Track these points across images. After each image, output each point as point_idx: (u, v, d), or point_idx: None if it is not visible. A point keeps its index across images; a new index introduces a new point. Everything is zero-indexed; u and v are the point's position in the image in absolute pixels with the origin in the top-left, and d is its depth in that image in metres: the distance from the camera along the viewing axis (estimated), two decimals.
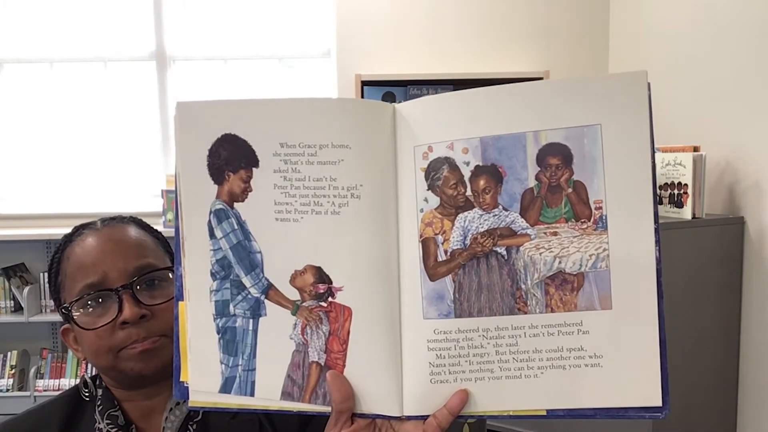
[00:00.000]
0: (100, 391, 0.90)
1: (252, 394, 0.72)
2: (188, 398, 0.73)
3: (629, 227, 0.64)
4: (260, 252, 0.71)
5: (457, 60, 3.68)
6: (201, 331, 0.72)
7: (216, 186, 0.71)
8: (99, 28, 3.66)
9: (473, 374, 0.68)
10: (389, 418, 0.70)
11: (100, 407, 0.88)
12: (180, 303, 0.73)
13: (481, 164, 0.68)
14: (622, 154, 0.64)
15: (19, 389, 3.58)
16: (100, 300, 0.84)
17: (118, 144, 3.72)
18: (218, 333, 0.72)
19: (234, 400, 0.72)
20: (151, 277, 0.87)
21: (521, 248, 0.67)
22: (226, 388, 0.72)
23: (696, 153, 2.32)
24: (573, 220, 0.66)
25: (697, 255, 2.30)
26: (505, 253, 0.68)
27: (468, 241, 0.68)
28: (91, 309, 0.84)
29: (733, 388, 2.42)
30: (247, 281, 0.72)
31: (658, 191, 2.37)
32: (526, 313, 0.67)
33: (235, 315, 0.72)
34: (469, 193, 0.68)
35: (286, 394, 0.72)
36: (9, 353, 3.61)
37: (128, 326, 0.83)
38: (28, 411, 0.93)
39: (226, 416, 0.90)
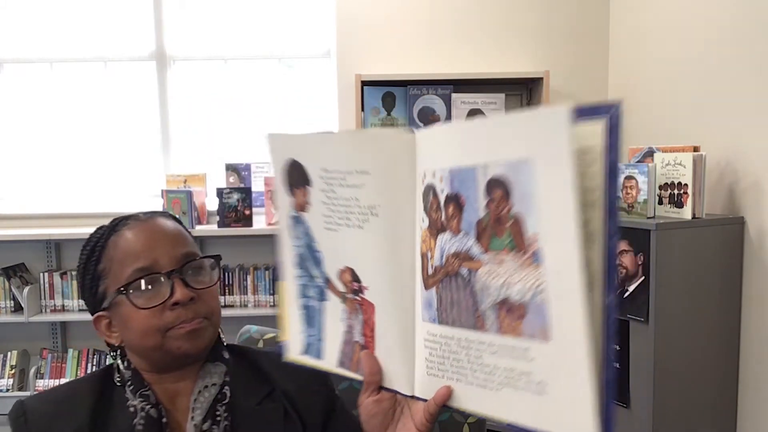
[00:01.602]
0: (129, 373, 0.95)
1: (320, 359, 0.92)
2: (284, 354, 0.96)
3: (559, 264, 0.64)
4: (320, 252, 0.89)
5: (457, 60, 3.68)
6: (291, 306, 0.94)
7: (289, 198, 0.91)
8: (99, 28, 3.66)
9: (454, 375, 0.77)
10: (403, 395, 0.84)
11: (131, 387, 0.93)
12: (281, 282, 0.95)
13: (449, 193, 0.74)
14: (550, 189, 0.64)
15: (19, 389, 3.58)
16: (151, 283, 0.92)
17: (118, 144, 3.72)
18: (300, 309, 0.93)
19: (310, 361, 0.94)
20: (197, 264, 0.96)
21: (477, 272, 0.72)
22: (306, 351, 0.94)
23: (696, 153, 2.32)
24: (514, 251, 0.68)
25: (697, 255, 2.30)
26: (467, 274, 0.73)
27: (443, 260, 0.76)
28: (142, 291, 0.91)
29: (733, 388, 2.42)
30: (315, 273, 0.91)
31: (658, 192, 2.37)
32: (485, 331, 0.72)
33: (310, 297, 0.92)
34: (443, 218, 0.75)
35: (340, 363, 0.90)
36: (9, 353, 3.61)
37: (178, 307, 0.91)
38: (60, 386, 0.97)
39: (253, 401, 0.98)
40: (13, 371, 3.58)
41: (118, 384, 0.95)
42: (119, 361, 0.97)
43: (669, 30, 2.93)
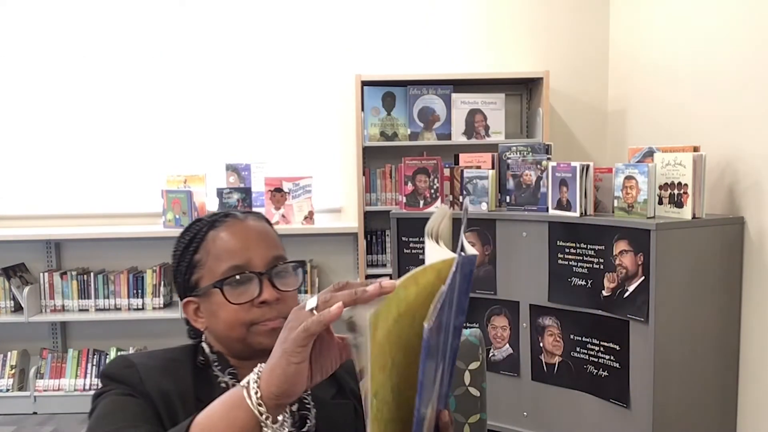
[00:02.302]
0: (214, 356, 1.02)
1: None
2: None
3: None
4: None
5: (457, 60, 3.68)
6: None
7: None
8: (99, 28, 3.66)
9: None
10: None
11: (218, 367, 1.01)
12: None
13: None
14: None
15: (19, 389, 3.58)
16: (243, 281, 0.99)
17: (119, 144, 3.72)
18: None
19: None
20: (283, 267, 1.02)
21: None
22: None
23: (696, 153, 2.32)
24: None
25: (697, 255, 2.30)
26: None
27: None
28: (234, 287, 0.98)
29: (733, 388, 2.42)
30: None
31: (658, 192, 2.38)
32: None
33: None
34: None
35: None
36: (9, 353, 3.61)
37: (264, 305, 0.98)
38: (156, 351, 1.04)
39: (327, 395, 1.04)
40: (13, 371, 3.58)
41: (201, 365, 1.01)
42: (204, 344, 1.03)
43: (669, 30, 2.93)
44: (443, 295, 0.63)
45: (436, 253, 0.73)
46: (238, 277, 0.98)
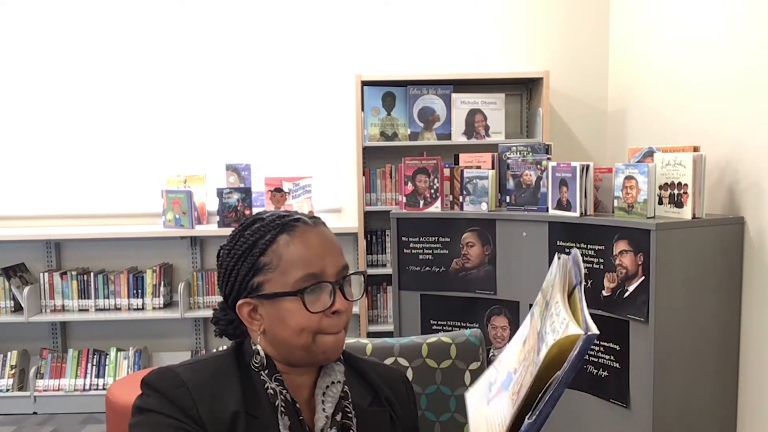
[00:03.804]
0: (266, 359, 1.02)
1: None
2: (466, 392, 1.01)
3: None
4: None
5: (457, 60, 3.68)
6: None
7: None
8: (99, 28, 3.66)
9: None
10: None
11: (267, 372, 1.00)
12: None
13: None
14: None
15: (19, 389, 3.58)
16: (319, 289, 0.99)
17: (119, 144, 3.72)
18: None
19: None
20: (350, 277, 1.04)
21: None
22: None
23: (696, 153, 2.31)
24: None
25: (697, 255, 2.30)
26: None
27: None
28: (308, 294, 0.98)
29: (733, 388, 2.42)
30: None
31: (658, 192, 2.37)
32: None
33: None
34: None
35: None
36: (9, 353, 3.61)
37: (334, 315, 0.99)
38: (202, 360, 1.03)
39: (365, 402, 1.06)
40: (13, 371, 3.58)
41: (255, 369, 1.00)
42: (259, 347, 1.01)
43: (669, 30, 2.93)
44: (558, 382, 0.65)
45: (559, 319, 0.75)
46: (316, 286, 0.98)
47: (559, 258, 0.88)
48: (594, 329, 0.68)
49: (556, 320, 0.75)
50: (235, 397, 0.95)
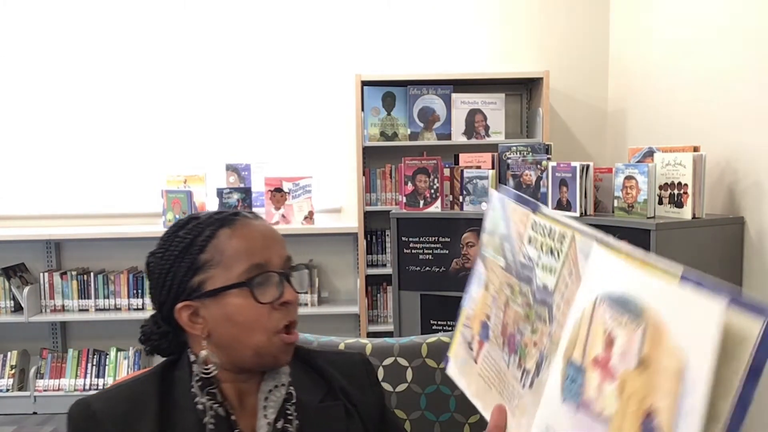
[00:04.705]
0: (198, 369, 0.94)
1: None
2: (446, 367, 0.96)
3: None
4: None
5: (457, 60, 3.68)
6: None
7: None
8: (99, 28, 3.66)
9: None
10: None
11: (200, 384, 0.93)
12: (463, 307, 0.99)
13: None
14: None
15: (19, 389, 3.58)
16: (266, 281, 0.93)
17: (119, 144, 3.72)
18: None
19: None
20: (294, 269, 1.00)
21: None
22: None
23: (696, 153, 2.31)
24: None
25: (697, 255, 2.30)
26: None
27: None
28: (258, 286, 0.92)
29: None
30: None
31: (658, 192, 2.37)
32: None
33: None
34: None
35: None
36: (9, 353, 3.61)
37: (283, 307, 0.94)
38: (120, 385, 0.97)
39: (315, 399, 1.00)
40: (13, 371, 3.58)
41: (196, 381, 0.94)
42: (204, 352, 0.94)
43: (669, 30, 2.93)
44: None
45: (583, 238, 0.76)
46: (263, 275, 0.93)
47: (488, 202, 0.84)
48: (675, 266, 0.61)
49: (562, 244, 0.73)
50: (151, 423, 0.90)
